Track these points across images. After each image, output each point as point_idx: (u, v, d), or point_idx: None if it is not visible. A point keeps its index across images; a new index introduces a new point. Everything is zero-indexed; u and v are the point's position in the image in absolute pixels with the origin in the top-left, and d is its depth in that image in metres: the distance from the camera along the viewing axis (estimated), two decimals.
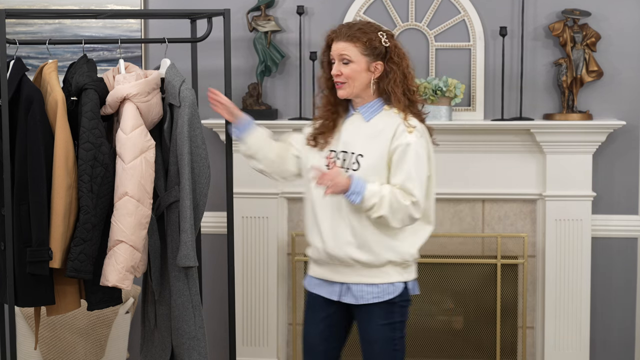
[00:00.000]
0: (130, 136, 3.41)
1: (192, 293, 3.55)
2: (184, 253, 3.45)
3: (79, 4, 4.54)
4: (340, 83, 3.10)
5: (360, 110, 3.14)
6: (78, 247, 3.37)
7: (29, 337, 4.19)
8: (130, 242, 3.41)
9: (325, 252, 3.13)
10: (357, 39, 3.08)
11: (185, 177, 3.43)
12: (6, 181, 3.37)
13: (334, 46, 3.11)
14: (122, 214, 3.40)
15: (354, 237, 3.08)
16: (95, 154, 3.38)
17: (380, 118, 3.12)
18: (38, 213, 3.36)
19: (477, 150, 4.40)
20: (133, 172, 3.41)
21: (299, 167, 3.29)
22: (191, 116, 3.45)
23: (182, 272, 3.52)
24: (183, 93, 3.46)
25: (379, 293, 3.12)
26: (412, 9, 4.44)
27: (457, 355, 4.54)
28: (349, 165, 3.08)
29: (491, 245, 4.49)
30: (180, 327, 3.55)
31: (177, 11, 4.09)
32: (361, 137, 3.10)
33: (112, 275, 3.40)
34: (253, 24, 4.42)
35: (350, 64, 3.08)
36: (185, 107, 3.44)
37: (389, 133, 3.07)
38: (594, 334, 4.50)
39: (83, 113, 3.39)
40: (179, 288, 3.53)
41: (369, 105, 3.13)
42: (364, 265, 3.10)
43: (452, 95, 4.30)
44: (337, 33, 3.11)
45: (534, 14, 4.41)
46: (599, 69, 4.37)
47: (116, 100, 3.43)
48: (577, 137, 4.33)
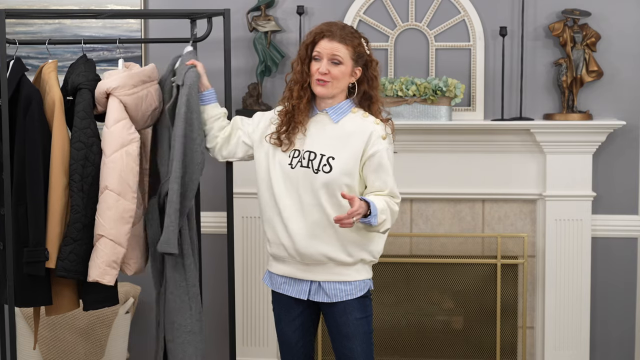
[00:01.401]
0: (112, 130, 3.40)
1: (190, 284, 3.45)
2: (165, 238, 3.33)
3: (79, 4, 4.54)
4: (324, 81, 3.10)
5: (328, 111, 3.15)
6: (68, 246, 3.35)
7: (29, 337, 4.19)
8: (110, 237, 3.38)
9: (296, 250, 3.14)
10: (349, 42, 3.11)
11: (176, 159, 3.33)
12: (6, 181, 3.36)
13: (324, 44, 3.11)
14: (102, 208, 3.38)
15: (336, 237, 3.11)
16: (86, 154, 3.37)
17: (349, 120, 3.14)
18: (35, 213, 3.35)
19: (477, 150, 4.40)
20: (113, 165, 3.38)
21: (248, 155, 3.37)
22: (189, 97, 3.34)
23: (179, 263, 3.43)
24: (189, 73, 3.37)
25: (352, 290, 3.16)
26: (412, 9, 4.44)
27: (457, 355, 4.54)
28: (319, 167, 3.10)
29: (491, 245, 4.49)
30: (175, 320, 3.45)
31: (177, 11, 4.09)
32: (329, 139, 3.12)
33: (93, 270, 3.37)
34: (253, 24, 4.42)
35: (340, 65, 3.10)
36: (186, 87, 3.35)
37: (363, 138, 3.10)
38: (594, 334, 4.50)
39: (75, 113, 3.39)
40: (175, 279, 3.43)
41: (338, 106, 3.15)
42: (337, 263, 3.13)
43: (452, 95, 4.30)
44: (331, 32, 3.11)
45: (534, 14, 4.41)
46: (599, 69, 4.37)
47: (101, 96, 3.43)
48: (577, 137, 4.33)
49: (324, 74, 3.09)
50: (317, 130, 3.15)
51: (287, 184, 3.14)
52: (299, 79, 3.16)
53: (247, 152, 3.37)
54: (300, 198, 3.12)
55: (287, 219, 3.14)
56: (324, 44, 3.11)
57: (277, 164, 3.17)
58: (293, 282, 3.22)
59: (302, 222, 3.12)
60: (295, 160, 3.15)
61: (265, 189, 3.21)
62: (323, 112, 3.16)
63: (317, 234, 3.12)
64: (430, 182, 4.43)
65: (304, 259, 3.15)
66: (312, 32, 3.16)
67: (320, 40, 3.12)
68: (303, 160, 3.13)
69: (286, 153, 3.16)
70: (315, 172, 3.10)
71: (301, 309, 3.25)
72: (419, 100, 4.30)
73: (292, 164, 3.15)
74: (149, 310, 4.64)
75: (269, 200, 3.19)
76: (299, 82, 3.15)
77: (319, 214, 3.11)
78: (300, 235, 3.13)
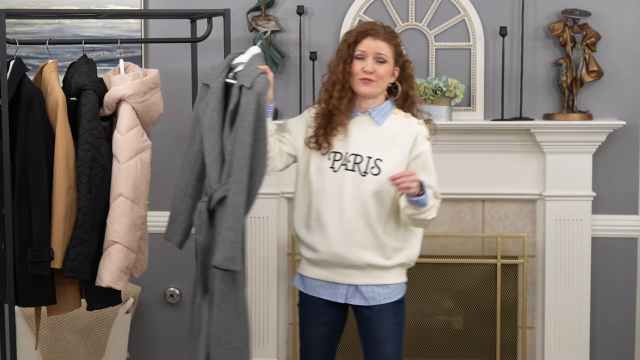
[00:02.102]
0: (125, 137, 3.41)
1: (239, 299, 3.15)
2: (228, 254, 3.05)
3: (79, 4, 4.54)
4: (369, 80, 3.06)
5: (371, 113, 3.11)
6: (76, 247, 3.37)
7: (29, 337, 4.19)
8: (124, 243, 3.40)
9: (334, 255, 3.09)
10: (392, 41, 3.09)
11: (243, 170, 3.05)
12: (6, 181, 3.36)
13: (369, 42, 3.07)
14: (117, 215, 3.40)
15: (376, 242, 3.07)
16: (94, 155, 3.38)
17: (392, 121, 3.12)
18: (39, 213, 3.36)
19: (477, 150, 4.40)
20: (128, 173, 3.40)
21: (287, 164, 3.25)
22: (259, 104, 3.07)
23: (229, 275, 3.12)
24: (260, 79, 3.08)
25: (390, 293, 3.14)
26: (412, 9, 4.44)
27: (457, 355, 4.54)
28: (367, 169, 3.06)
29: (491, 245, 4.49)
30: (221, 335, 3.15)
31: (177, 11, 4.09)
32: (374, 141, 3.08)
33: (106, 276, 3.39)
34: (253, 24, 4.42)
35: (384, 64, 3.07)
36: (254, 93, 3.05)
37: (408, 139, 3.08)
38: (594, 334, 4.50)
39: (82, 114, 3.39)
40: (224, 292, 3.13)
41: (380, 108, 3.12)
42: (376, 267, 3.10)
43: (452, 95, 4.30)
44: (375, 31, 3.08)
45: (534, 14, 4.41)
46: (599, 69, 4.37)
47: (112, 101, 3.43)
48: (577, 137, 4.33)
49: (369, 72, 3.05)
50: (361, 133, 3.10)
51: (328, 188, 3.08)
52: (340, 79, 3.09)
53: (290, 161, 3.24)
54: (342, 202, 3.06)
55: (327, 223, 3.08)
56: (369, 42, 3.07)
57: (316, 168, 3.11)
58: (329, 285, 3.16)
59: (343, 227, 3.07)
60: (338, 164, 3.09)
61: (304, 193, 3.15)
62: (365, 114, 3.12)
63: (357, 239, 3.07)
64: None
65: (342, 263, 3.10)
66: (354, 32, 3.11)
67: (364, 39, 3.07)
68: (348, 163, 3.08)
69: (325, 156, 3.10)
70: (363, 174, 3.06)
71: (332, 313, 3.19)
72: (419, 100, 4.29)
73: (334, 167, 3.09)
74: (149, 310, 4.65)
75: (307, 204, 3.14)
76: (340, 82, 3.09)
77: (361, 218, 3.06)
78: (340, 241, 3.07)
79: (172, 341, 4.65)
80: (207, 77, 3.20)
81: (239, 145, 3.04)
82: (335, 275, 3.14)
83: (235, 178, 3.04)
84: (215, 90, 3.15)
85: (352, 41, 3.09)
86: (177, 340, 4.64)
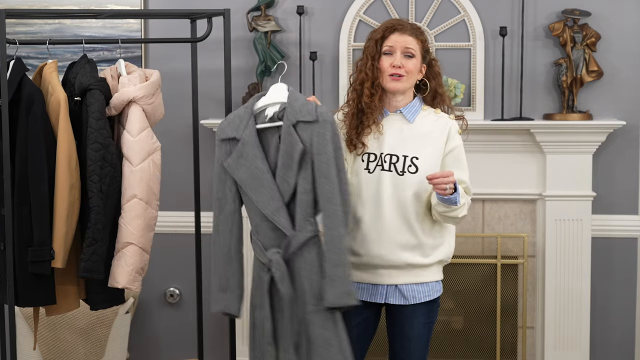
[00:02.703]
0: (137, 139, 3.41)
1: (342, 340, 2.98)
2: (344, 290, 2.91)
3: (79, 4, 4.54)
4: (399, 75, 3.03)
5: (403, 111, 3.09)
6: (90, 247, 3.36)
7: (29, 337, 4.19)
8: (139, 245, 3.41)
9: (374, 256, 3.06)
10: (420, 36, 3.07)
11: (335, 202, 2.94)
12: (6, 181, 3.36)
13: (397, 37, 3.04)
14: (132, 217, 3.40)
15: (414, 241, 3.06)
16: (104, 154, 3.37)
17: (423, 118, 3.10)
18: (39, 213, 3.35)
19: (477, 150, 4.40)
20: (142, 174, 3.41)
21: None
22: (334, 133, 2.98)
23: (329, 319, 2.97)
24: (321, 109, 3.00)
25: (429, 292, 3.13)
26: (412, 9, 4.44)
27: (457, 355, 4.54)
28: (404, 168, 3.04)
29: (491, 245, 4.49)
30: None
31: (177, 11, 4.09)
32: (409, 139, 3.06)
33: (122, 277, 3.40)
34: (253, 24, 4.42)
35: (413, 58, 3.05)
36: (327, 123, 2.97)
37: (441, 135, 3.07)
38: (594, 334, 4.50)
39: (90, 113, 3.38)
40: (325, 338, 2.95)
41: (410, 105, 3.10)
42: (415, 266, 3.09)
43: (452, 95, 4.30)
44: (402, 26, 3.06)
45: (534, 14, 4.41)
46: (599, 69, 4.37)
47: (122, 103, 3.43)
48: (577, 137, 4.33)
49: (398, 67, 3.02)
50: (394, 132, 3.07)
51: (365, 190, 3.06)
52: (369, 76, 3.06)
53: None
54: (380, 203, 3.04)
55: (365, 225, 3.05)
56: (396, 37, 3.04)
57: (350, 170, 3.08)
58: (368, 287, 3.13)
59: (382, 228, 3.04)
60: (373, 165, 3.07)
61: None
62: (396, 112, 3.09)
63: (397, 239, 3.05)
64: None
65: (383, 265, 3.07)
66: (380, 28, 3.08)
67: (391, 34, 3.05)
68: (384, 163, 3.05)
69: (359, 157, 3.08)
70: (401, 174, 3.04)
71: (367, 314, 3.15)
72: None
73: (369, 169, 3.07)
74: (149, 310, 4.65)
75: None
76: (370, 80, 3.06)
77: (400, 218, 3.04)
78: (379, 242, 3.05)
79: (172, 341, 4.65)
80: (223, 132, 3.10)
81: (324, 179, 2.95)
82: (375, 276, 3.10)
83: (328, 212, 2.94)
84: (250, 140, 3.03)
85: (379, 37, 3.06)
86: (177, 340, 4.64)
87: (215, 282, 3.10)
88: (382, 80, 3.06)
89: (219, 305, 3.10)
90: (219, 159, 3.10)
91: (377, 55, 3.06)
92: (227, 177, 3.08)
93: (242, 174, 3.03)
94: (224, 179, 3.09)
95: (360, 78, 3.09)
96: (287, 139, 2.99)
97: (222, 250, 3.10)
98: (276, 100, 3.07)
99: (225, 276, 3.09)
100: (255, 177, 3.01)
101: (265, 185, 3.00)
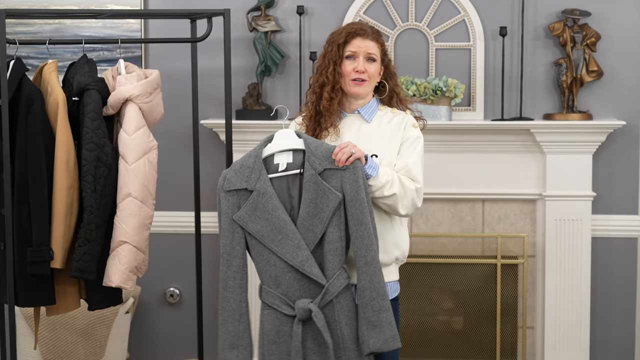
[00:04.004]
0: (133, 137, 3.41)
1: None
2: (391, 335, 2.91)
3: (79, 4, 4.54)
4: (362, 80, 3.06)
5: (361, 112, 3.11)
6: (82, 247, 3.36)
7: (29, 337, 4.19)
8: (133, 243, 3.41)
9: None
10: (380, 40, 3.10)
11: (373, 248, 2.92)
12: (6, 181, 3.36)
13: (358, 42, 3.07)
14: (126, 215, 3.40)
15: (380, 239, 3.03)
16: (98, 155, 3.37)
17: (381, 117, 3.11)
18: (39, 213, 3.35)
19: (477, 150, 4.40)
20: (137, 173, 3.41)
21: None
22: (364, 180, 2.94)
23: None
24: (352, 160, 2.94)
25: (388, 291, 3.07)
26: (412, 9, 4.44)
27: (457, 355, 4.54)
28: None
29: (491, 245, 4.49)
30: None
31: (177, 11, 4.08)
32: (367, 138, 3.07)
33: (116, 276, 3.40)
34: (253, 24, 4.42)
35: (375, 63, 3.08)
36: (357, 169, 2.92)
37: (399, 129, 3.07)
38: (594, 334, 4.50)
39: (86, 113, 3.38)
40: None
41: (368, 106, 3.12)
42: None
43: (452, 95, 4.30)
44: (364, 31, 3.08)
45: (534, 14, 4.41)
46: (599, 69, 4.37)
47: (118, 101, 3.43)
48: (577, 137, 4.33)
49: (361, 72, 3.05)
50: (352, 133, 3.08)
51: None
52: (330, 80, 3.07)
53: None
54: None
55: None
56: (359, 42, 3.07)
57: None
58: None
59: None
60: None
61: None
62: (354, 113, 3.12)
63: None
64: (430, 182, 4.41)
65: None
66: (342, 32, 3.10)
67: (353, 39, 3.07)
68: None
69: None
70: None
71: None
72: (419, 100, 4.30)
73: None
74: (149, 310, 4.65)
75: None
76: (330, 84, 3.07)
77: None
78: None
79: (172, 341, 4.65)
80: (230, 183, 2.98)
81: (360, 226, 2.90)
82: None
83: (367, 259, 2.90)
84: (267, 191, 2.94)
85: (342, 42, 3.09)
86: (177, 340, 4.64)
87: (224, 340, 2.99)
88: (345, 85, 3.07)
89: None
90: (226, 212, 2.98)
91: (339, 60, 3.08)
92: (236, 230, 2.98)
93: (259, 226, 2.94)
94: (232, 232, 2.98)
95: (321, 81, 3.10)
96: (312, 188, 2.92)
97: (232, 306, 2.99)
98: (286, 147, 2.99)
99: (237, 334, 2.99)
100: (278, 229, 2.92)
101: (290, 237, 2.91)
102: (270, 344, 2.98)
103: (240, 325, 3.00)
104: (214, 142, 4.45)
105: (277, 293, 2.95)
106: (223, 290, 3.00)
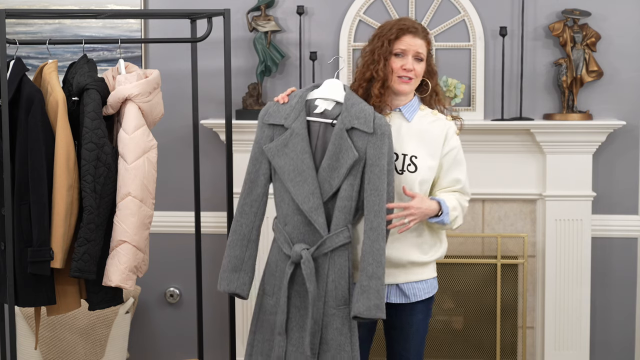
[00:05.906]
0: (132, 136, 3.41)
1: (354, 349, 3.03)
2: (376, 303, 2.93)
3: (79, 4, 4.54)
4: (408, 78, 3.05)
5: (402, 110, 3.10)
6: (82, 247, 3.36)
7: (29, 337, 4.19)
8: (133, 243, 3.41)
9: None
10: (428, 39, 3.09)
11: (381, 215, 2.95)
12: (6, 181, 3.36)
13: (409, 40, 3.04)
14: (125, 215, 3.40)
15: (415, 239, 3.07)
16: (98, 154, 3.38)
17: (422, 118, 3.11)
18: (39, 213, 3.36)
19: (477, 150, 4.40)
20: (136, 172, 3.41)
21: None
22: (390, 147, 2.99)
23: (346, 325, 3.03)
24: (380, 120, 2.99)
25: (428, 288, 3.15)
26: (412, 9, 4.44)
27: (457, 355, 4.54)
28: (403, 167, 3.05)
29: (491, 245, 4.49)
30: None
31: (177, 11, 4.09)
32: (407, 138, 3.07)
33: (115, 276, 3.40)
34: (253, 24, 4.42)
35: (422, 62, 3.07)
36: (385, 137, 2.97)
37: (439, 135, 3.07)
38: (594, 334, 4.51)
39: (85, 113, 3.39)
40: (339, 343, 3.01)
41: (410, 104, 3.11)
42: (416, 264, 3.10)
43: (452, 95, 4.30)
44: (416, 29, 3.06)
45: (534, 14, 4.41)
46: (599, 69, 4.37)
47: (118, 101, 3.43)
48: (577, 137, 4.33)
49: (409, 70, 3.04)
50: (393, 130, 3.06)
51: None
52: (381, 76, 3.05)
53: None
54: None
55: None
56: (409, 40, 3.05)
57: None
58: None
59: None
60: None
61: None
62: (395, 110, 3.10)
63: (398, 237, 3.05)
64: None
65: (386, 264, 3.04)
66: (393, 28, 3.06)
67: (404, 35, 3.05)
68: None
69: None
70: (400, 172, 3.05)
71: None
72: None
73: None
74: (149, 310, 4.65)
75: None
76: (380, 80, 3.05)
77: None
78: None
79: (172, 341, 4.65)
80: (270, 116, 3.07)
81: (374, 191, 2.95)
82: None
83: (373, 224, 2.95)
84: (300, 132, 3.02)
85: (393, 38, 3.05)
86: (177, 340, 4.64)
87: (228, 262, 3.09)
88: (391, 81, 3.06)
89: (229, 286, 3.09)
90: (259, 141, 3.08)
91: (388, 56, 3.06)
92: (264, 161, 3.08)
93: (284, 163, 3.02)
94: (260, 161, 3.08)
95: (367, 76, 3.08)
96: (337, 142, 2.98)
97: (243, 231, 3.09)
98: (330, 96, 3.06)
99: (241, 257, 3.09)
100: (300, 172, 3.00)
101: (308, 182, 2.99)
102: (269, 274, 3.12)
103: (247, 252, 3.09)
104: (214, 142, 4.45)
105: (284, 230, 3.05)
106: (238, 215, 3.09)
